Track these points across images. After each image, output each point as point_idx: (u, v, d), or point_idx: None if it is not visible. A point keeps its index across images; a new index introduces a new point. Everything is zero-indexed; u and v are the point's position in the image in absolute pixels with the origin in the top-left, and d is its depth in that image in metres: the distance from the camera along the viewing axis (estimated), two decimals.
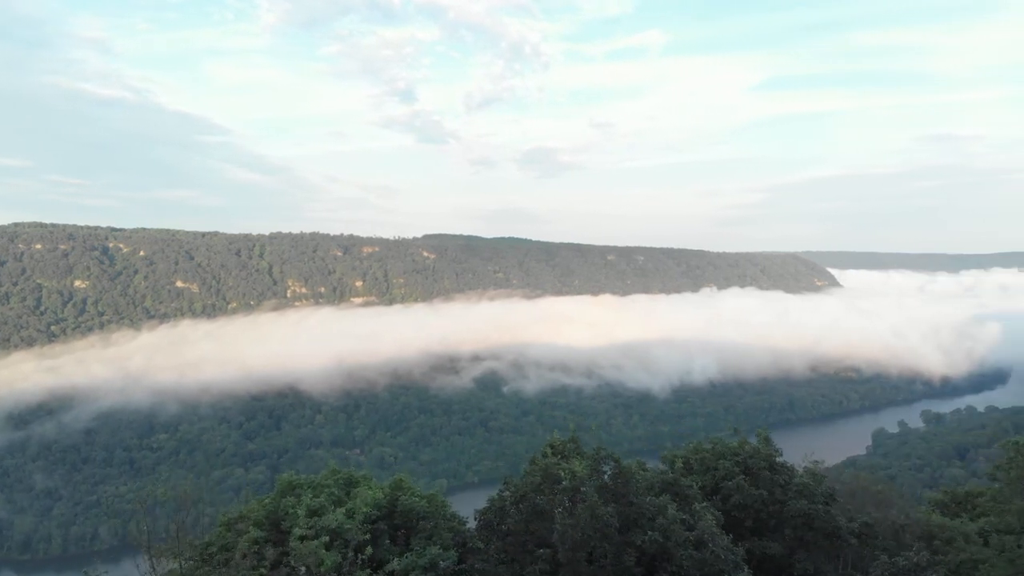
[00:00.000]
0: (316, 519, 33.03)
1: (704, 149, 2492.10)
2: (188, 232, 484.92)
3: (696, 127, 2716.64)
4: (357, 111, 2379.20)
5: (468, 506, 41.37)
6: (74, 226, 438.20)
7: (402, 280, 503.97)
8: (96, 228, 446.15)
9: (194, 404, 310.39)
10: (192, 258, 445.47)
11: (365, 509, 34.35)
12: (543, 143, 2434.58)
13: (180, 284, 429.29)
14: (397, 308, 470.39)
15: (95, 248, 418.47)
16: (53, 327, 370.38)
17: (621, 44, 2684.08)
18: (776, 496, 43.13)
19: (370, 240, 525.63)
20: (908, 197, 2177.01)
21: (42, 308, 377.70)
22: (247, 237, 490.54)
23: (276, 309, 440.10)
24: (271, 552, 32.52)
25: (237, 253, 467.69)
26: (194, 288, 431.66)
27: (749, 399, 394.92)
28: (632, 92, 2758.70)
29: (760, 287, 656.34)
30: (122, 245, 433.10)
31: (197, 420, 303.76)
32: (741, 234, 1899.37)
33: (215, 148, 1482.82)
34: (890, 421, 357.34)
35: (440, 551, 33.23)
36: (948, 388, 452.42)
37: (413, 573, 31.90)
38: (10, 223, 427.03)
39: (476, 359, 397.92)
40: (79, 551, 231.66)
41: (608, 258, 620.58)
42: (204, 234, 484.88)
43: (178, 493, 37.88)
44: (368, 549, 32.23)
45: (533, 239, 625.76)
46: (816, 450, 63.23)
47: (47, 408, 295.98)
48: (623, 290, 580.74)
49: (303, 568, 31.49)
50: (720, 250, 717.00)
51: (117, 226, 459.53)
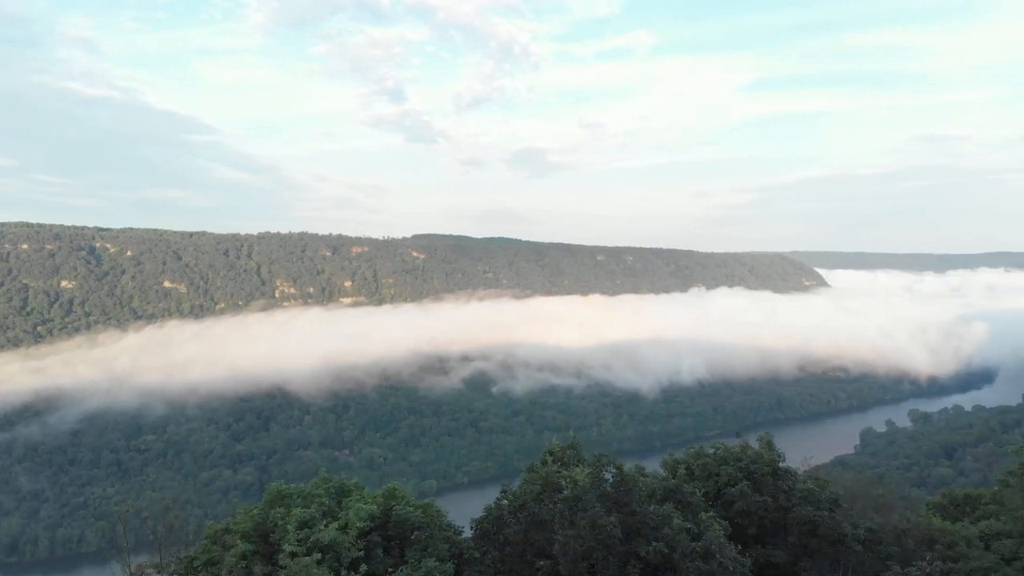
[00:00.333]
0: (307, 531, 31.67)
1: (694, 149, 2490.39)
2: (176, 232, 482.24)
3: (686, 127, 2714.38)
4: (346, 110, 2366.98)
5: (458, 507, 40.31)
6: (61, 226, 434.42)
7: (391, 280, 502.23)
8: (83, 228, 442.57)
9: (182, 405, 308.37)
10: (180, 258, 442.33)
11: (359, 524, 32.88)
12: (533, 143, 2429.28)
13: (168, 284, 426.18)
14: (386, 308, 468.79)
15: (82, 248, 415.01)
16: (39, 328, 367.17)
17: (610, 44, 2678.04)
18: (780, 502, 42.19)
19: (359, 240, 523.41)
20: (895, 197, 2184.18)
21: (28, 308, 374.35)
22: (235, 237, 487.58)
23: (264, 309, 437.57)
24: (259, 568, 31.16)
25: (225, 253, 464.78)
26: (182, 288, 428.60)
27: (738, 399, 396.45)
28: (621, 92, 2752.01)
29: (748, 287, 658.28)
30: (109, 245, 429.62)
31: (185, 421, 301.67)
32: (730, 234, 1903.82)
33: (203, 147, 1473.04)
34: (878, 420, 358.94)
35: (436, 563, 32.06)
36: (935, 387, 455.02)
37: None
38: None
39: (466, 359, 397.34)
40: (66, 553, 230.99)
41: (597, 258, 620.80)
42: (192, 234, 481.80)
43: (160, 506, 36.52)
44: (363, 567, 30.95)
45: (523, 239, 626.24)
46: (805, 449, 62.71)
47: (33, 409, 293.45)
48: (612, 290, 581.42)
49: None
50: (709, 250, 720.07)
51: (104, 226, 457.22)
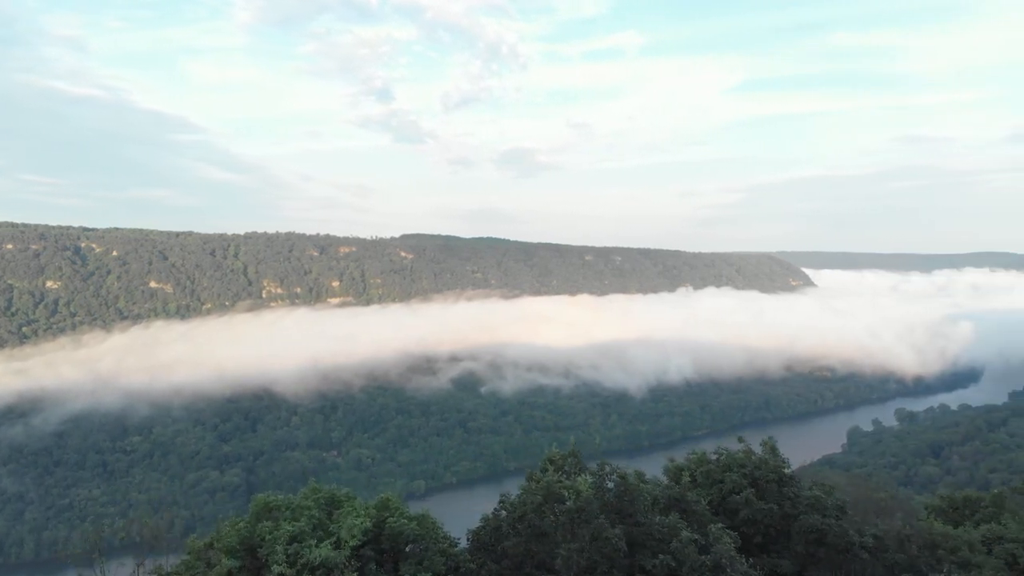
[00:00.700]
0: (297, 546, 30.16)
1: (682, 150, 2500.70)
2: (162, 232, 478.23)
3: (674, 128, 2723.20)
4: (334, 110, 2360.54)
5: (448, 508, 39.18)
6: (46, 226, 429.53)
7: (379, 280, 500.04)
8: (68, 228, 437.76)
9: (168, 406, 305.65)
10: (166, 258, 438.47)
11: (352, 542, 31.19)
12: (521, 143, 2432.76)
13: (154, 284, 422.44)
14: (374, 308, 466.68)
15: (67, 248, 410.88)
16: (24, 328, 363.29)
17: (598, 45, 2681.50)
18: (786, 510, 41.21)
19: (347, 240, 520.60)
20: (882, 197, 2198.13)
21: (13, 309, 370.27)
22: (222, 237, 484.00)
23: (251, 310, 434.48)
24: None
25: (212, 253, 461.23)
26: (168, 289, 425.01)
27: (725, 398, 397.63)
28: (610, 93, 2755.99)
29: (736, 287, 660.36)
30: (95, 245, 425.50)
31: (171, 422, 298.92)
32: (718, 234, 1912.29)
33: (189, 147, 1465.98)
34: (864, 419, 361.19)
35: None
36: (921, 387, 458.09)
37: None
38: None
39: (454, 359, 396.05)
40: (52, 555, 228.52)
41: (586, 258, 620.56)
42: (178, 234, 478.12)
43: (147, 532, 35.14)
44: None
45: (511, 239, 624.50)
46: (792, 449, 61.90)
47: (18, 411, 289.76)
48: (600, 290, 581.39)
49: None
50: (697, 250, 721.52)
51: (90, 226, 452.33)
